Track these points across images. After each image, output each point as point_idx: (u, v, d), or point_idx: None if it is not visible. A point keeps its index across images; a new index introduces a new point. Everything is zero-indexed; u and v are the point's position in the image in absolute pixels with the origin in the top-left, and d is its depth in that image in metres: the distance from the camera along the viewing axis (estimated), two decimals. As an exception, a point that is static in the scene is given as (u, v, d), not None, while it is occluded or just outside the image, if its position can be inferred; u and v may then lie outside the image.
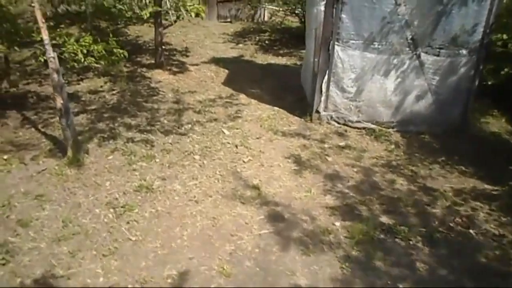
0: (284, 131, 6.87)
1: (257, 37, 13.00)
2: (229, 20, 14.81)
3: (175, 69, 9.51)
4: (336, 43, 6.64)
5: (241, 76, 9.59)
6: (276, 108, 7.76)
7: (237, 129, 6.78)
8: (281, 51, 11.85)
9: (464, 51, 6.65)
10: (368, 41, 6.59)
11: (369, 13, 6.43)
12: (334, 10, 6.48)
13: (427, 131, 7.10)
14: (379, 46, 6.62)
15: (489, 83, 7.33)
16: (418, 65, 6.71)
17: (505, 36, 7.09)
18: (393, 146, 6.71)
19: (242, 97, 8.21)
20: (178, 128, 6.74)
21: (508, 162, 6.56)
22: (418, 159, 6.38)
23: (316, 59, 7.01)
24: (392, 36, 6.55)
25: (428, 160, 6.37)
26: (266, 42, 12.44)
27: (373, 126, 7.08)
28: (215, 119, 7.10)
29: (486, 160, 6.53)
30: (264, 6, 14.22)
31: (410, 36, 6.55)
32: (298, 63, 10.85)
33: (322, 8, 6.71)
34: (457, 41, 6.56)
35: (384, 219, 4.95)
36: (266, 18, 14.99)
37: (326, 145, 6.53)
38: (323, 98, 7.00)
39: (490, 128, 7.74)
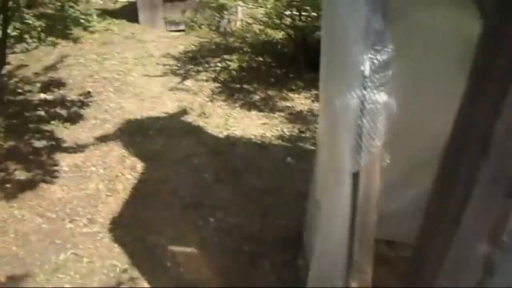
0: None
1: (219, 63, 7.47)
2: (181, 28, 9.19)
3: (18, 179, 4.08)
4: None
5: (166, 185, 4.21)
6: None
7: None
8: (257, 97, 6.39)
9: None
10: None
11: None
12: None
13: None
14: None
15: None
16: None
17: None
18: None
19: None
20: None
21: None
22: None
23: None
24: None
25: None
26: (234, 72, 6.93)
27: None
28: None
29: None
30: (234, 10, 8.47)
31: None
32: (295, 132, 5.42)
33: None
34: None
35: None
36: (238, 24, 9.38)
37: None
38: None
39: None
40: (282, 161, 4.69)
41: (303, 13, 6.62)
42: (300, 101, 6.21)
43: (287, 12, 6.59)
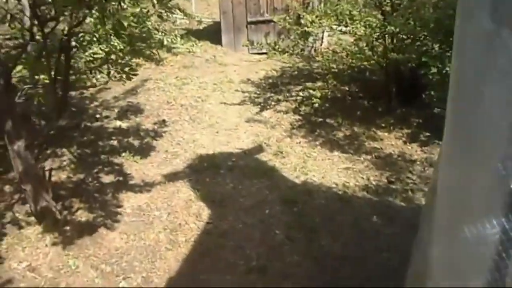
0: None
1: (301, 92, 6.95)
2: (264, 51, 8.81)
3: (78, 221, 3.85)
4: None
5: (231, 239, 3.75)
6: None
7: None
8: (340, 134, 5.74)
9: None
10: None
11: None
12: None
13: None
14: None
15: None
16: None
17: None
18: None
19: None
20: None
21: None
22: None
23: None
24: None
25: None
26: (316, 105, 6.30)
27: None
28: None
29: None
30: (320, 35, 7.85)
31: None
32: (383, 181, 4.70)
33: None
34: None
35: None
36: (323, 50, 8.79)
37: None
38: None
39: None
40: (366, 220, 4.01)
41: (397, 39, 5.86)
42: (389, 142, 5.47)
43: (380, 40, 5.87)
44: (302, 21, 5.97)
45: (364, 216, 4.06)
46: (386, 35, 5.69)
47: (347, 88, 6.93)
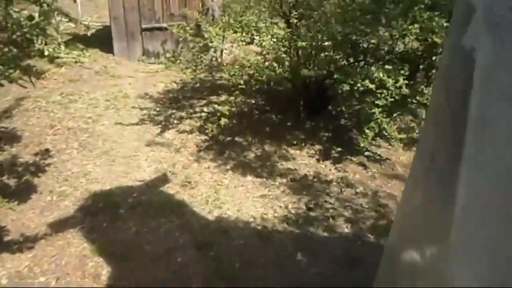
0: None
1: (206, 108, 6.45)
2: (161, 61, 8.10)
3: None
4: None
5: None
6: None
7: None
8: (252, 154, 5.36)
9: None
10: None
11: None
12: None
13: None
14: None
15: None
16: None
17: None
18: None
19: None
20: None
21: None
22: None
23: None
24: None
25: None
26: (222, 124, 5.83)
27: None
28: None
29: None
30: (224, 47, 7.35)
31: None
32: (302, 208, 4.37)
33: None
34: None
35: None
36: (226, 58, 8.36)
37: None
38: None
39: None
40: (290, 259, 3.65)
41: (303, 52, 5.61)
42: (303, 161, 5.22)
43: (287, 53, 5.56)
44: (206, 35, 5.44)
45: (287, 254, 3.70)
46: (292, 49, 5.41)
47: (253, 101, 6.59)
